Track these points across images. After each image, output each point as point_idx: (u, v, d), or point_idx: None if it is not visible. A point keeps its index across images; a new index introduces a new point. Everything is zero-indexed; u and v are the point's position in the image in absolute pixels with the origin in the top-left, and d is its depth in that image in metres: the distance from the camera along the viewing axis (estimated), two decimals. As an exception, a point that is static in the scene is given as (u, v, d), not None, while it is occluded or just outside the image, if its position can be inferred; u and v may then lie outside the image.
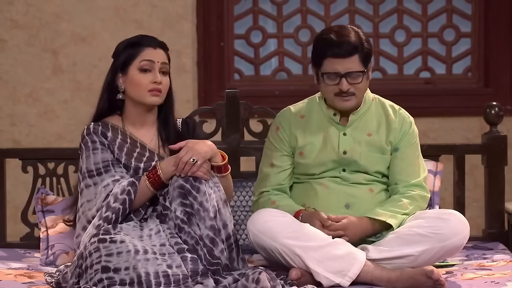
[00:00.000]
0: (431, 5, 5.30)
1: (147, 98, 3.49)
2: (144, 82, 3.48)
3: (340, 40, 3.52)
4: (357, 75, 3.53)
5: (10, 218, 4.27)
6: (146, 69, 3.49)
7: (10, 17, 5.03)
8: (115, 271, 3.13)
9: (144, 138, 3.55)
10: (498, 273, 3.46)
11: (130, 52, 3.51)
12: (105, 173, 3.42)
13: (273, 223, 3.40)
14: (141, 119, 3.55)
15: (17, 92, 5.05)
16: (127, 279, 3.12)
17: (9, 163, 4.24)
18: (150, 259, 3.16)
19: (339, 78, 3.53)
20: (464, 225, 3.47)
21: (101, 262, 3.15)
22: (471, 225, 3.54)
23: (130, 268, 3.13)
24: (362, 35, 3.56)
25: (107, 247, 3.17)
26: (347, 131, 3.64)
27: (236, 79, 5.28)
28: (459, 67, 5.32)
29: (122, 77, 3.52)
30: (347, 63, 3.52)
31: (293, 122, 3.69)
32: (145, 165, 3.48)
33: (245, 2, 5.28)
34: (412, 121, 3.71)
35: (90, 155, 3.46)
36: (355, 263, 3.35)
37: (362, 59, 3.53)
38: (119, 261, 3.14)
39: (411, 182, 3.61)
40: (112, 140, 3.49)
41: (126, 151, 3.49)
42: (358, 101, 3.60)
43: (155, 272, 3.13)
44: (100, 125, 3.51)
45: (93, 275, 3.16)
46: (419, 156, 3.70)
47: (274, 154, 3.69)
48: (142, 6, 5.04)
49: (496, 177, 4.20)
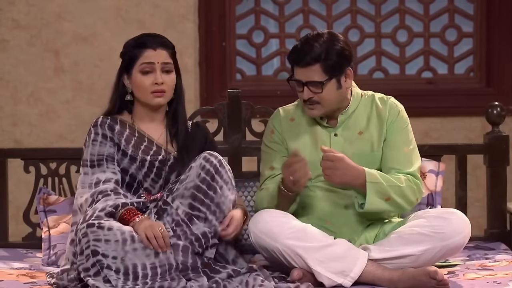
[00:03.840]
0: (433, 5, 5.30)
1: (151, 99, 3.53)
2: (146, 84, 3.51)
3: (302, 49, 3.49)
4: (316, 84, 3.49)
5: (12, 218, 4.26)
6: (147, 71, 3.51)
7: (11, 17, 5.03)
8: (103, 256, 3.19)
9: (153, 133, 3.58)
10: (500, 273, 3.46)
11: (132, 54, 3.53)
12: (97, 166, 3.48)
13: (274, 224, 3.40)
14: (149, 117, 3.59)
15: (18, 92, 5.05)
16: (114, 268, 3.18)
17: (11, 163, 4.24)
18: (138, 249, 3.21)
19: (302, 86, 3.52)
20: (466, 224, 3.46)
21: (90, 247, 3.20)
22: (473, 225, 3.54)
23: (118, 258, 3.20)
24: (337, 44, 3.47)
25: (95, 232, 3.22)
26: (337, 131, 3.62)
27: (238, 79, 5.28)
28: (461, 67, 5.31)
29: (128, 78, 3.55)
30: (307, 72, 3.49)
31: (284, 125, 3.68)
32: (152, 158, 3.52)
33: (247, 2, 5.28)
34: (401, 108, 3.65)
35: (89, 145, 3.52)
36: (357, 263, 3.35)
37: (325, 69, 3.47)
38: (107, 248, 3.20)
39: (405, 170, 3.56)
40: (120, 132, 3.54)
41: (133, 144, 3.53)
42: (326, 110, 3.55)
43: (142, 264, 3.20)
44: (108, 119, 3.57)
45: (84, 261, 3.20)
46: (410, 144, 3.62)
47: (273, 157, 3.67)
48: (144, 6, 5.04)
49: (498, 177, 4.19)
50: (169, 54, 3.56)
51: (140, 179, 3.51)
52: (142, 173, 3.51)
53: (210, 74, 5.15)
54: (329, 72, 3.49)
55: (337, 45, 3.50)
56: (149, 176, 3.52)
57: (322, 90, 3.50)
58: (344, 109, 3.61)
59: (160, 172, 3.52)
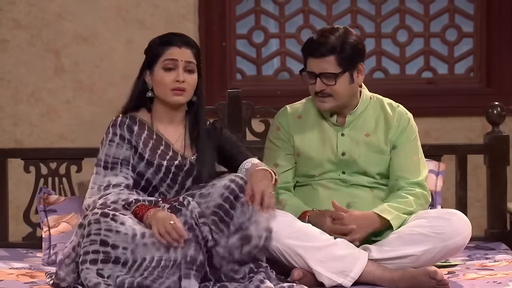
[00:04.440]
0: (433, 5, 5.29)
1: (170, 97, 3.49)
2: (167, 81, 3.48)
3: (318, 40, 3.52)
4: (330, 76, 3.52)
5: (12, 218, 4.27)
6: (169, 67, 3.48)
7: (12, 17, 5.03)
8: (113, 247, 3.18)
9: (170, 136, 3.54)
10: (500, 273, 3.46)
11: (157, 51, 3.50)
12: (110, 169, 3.44)
13: (274, 223, 3.39)
14: (168, 116, 3.55)
15: (19, 92, 5.05)
16: (122, 259, 3.17)
17: (11, 163, 4.24)
18: (148, 244, 3.21)
19: (315, 78, 3.53)
20: (466, 225, 3.47)
21: (100, 235, 3.18)
22: (473, 225, 3.54)
23: (129, 249, 3.19)
24: (351, 38, 3.53)
25: (107, 222, 3.20)
26: (345, 131, 3.63)
27: (238, 79, 5.28)
28: (461, 67, 5.31)
29: (149, 75, 3.52)
30: (321, 63, 3.51)
31: (290, 122, 3.69)
32: (168, 163, 3.47)
33: (247, 2, 5.28)
34: (411, 117, 3.69)
35: (106, 145, 3.48)
36: (357, 263, 3.36)
37: (339, 61, 3.51)
38: (116, 239, 3.18)
39: (413, 180, 3.60)
40: (138, 134, 3.49)
41: (151, 147, 3.49)
42: (337, 103, 3.57)
43: (151, 257, 3.19)
44: (127, 118, 3.52)
45: (87, 243, 3.18)
46: (419, 152, 3.68)
47: (277, 154, 3.68)
48: (144, 6, 5.04)
49: (499, 177, 4.20)
50: (194, 54, 3.53)
51: (155, 184, 3.48)
52: (158, 178, 3.47)
53: (210, 74, 5.15)
54: (343, 65, 3.51)
55: (352, 39, 3.54)
56: (165, 181, 3.48)
57: (336, 82, 3.52)
58: (353, 109, 3.63)
59: (176, 178, 3.48)
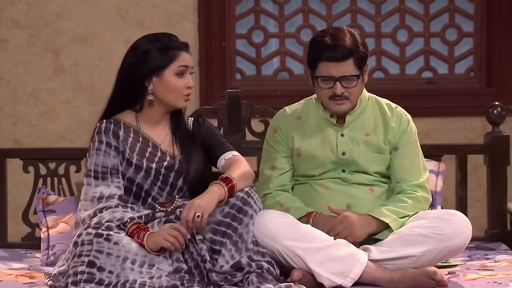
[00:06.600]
0: (433, 4, 5.29)
1: (181, 102, 3.49)
2: (180, 87, 3.46)
3: (334, 44, 3.49)
4: (351, 79, 3.51)
5: (11, 218, 4.26)
6: (183, 73, 3.47)
7: (11, 17, 5.03)
8: (99, 269, 3.16)
9: (157, 137, 3.52)
10: (500, 274, 3.45)
11: (167, 55, 3.46)
12: (101, 179, 3.42)
13: (274, 225, 3.39)
14: (158, 119, 3.53)
15: (18, 92, 5.05)
16: (106, 281, 3.15)
17: (10, 163, 4.24)
18: (135, 270, 3.20)
19: (333, 82, 3.52)
20: (466, 226, 3.46)
21: (89, 256, 3.17)
22: (474, 225, 3.54)
23: (114, 273, 3.17)
24: (358, 38, 3.53)
25: (100, 243, 3.19)
26: (344, 131, 3.63)
27: (238, 79, 5.27)
28: (461, 67, 5.31)
29: (155, 79, 3.46)
30: (341, 67, 3.50)
31: (289, 124, 3.68)
32: (157, 165, 3.46)
33: (247, 2, 5.28)
34: (410, 118, 3.69)
35: (93, 154, 3.45)
36: (357, 264, 3.35)
37: (356, 62, 3.50)
38: (106, 262, 3.17)
39: (414, 182, 3.60)
40: (124, 139, 3.47)
41: (138, 151, 3.47)
42: (352, 105, 3.58)
43: (133, 280, 3.17)
44: (112, 123, 3.49)
45: (77, 264, 3.17)
46: (419, 154, 3.67)
47: (274, 156, 3.67)
48: (144, 6, 5.04)
49: (499, 177, 4.19)
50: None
51: (147, 188, 3.46)
52: (149, 181, 3.46)
53: (210, 74, 5.15)
54: (359, 66, 3.52)
55: (360, 39, 3.54)
56: (156, 184, 3.47)
57: (356, 84, 3.51)
58: (351, 110, 3.62)
59: (166, 179, 3.47)
